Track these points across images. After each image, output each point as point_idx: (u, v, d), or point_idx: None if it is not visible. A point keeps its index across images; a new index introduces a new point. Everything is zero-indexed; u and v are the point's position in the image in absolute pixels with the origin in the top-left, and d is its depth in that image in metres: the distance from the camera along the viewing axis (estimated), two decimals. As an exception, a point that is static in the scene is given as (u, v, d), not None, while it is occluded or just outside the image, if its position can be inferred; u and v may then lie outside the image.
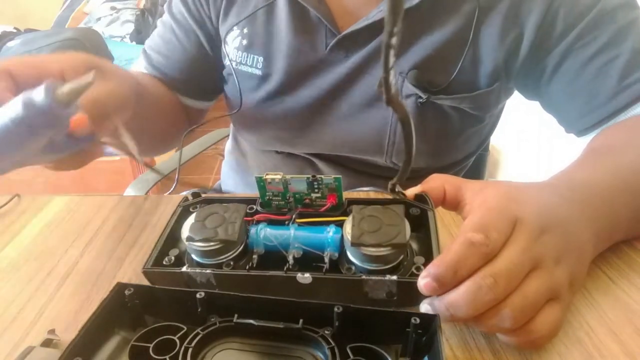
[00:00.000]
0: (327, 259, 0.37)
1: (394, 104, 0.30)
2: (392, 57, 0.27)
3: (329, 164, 0.69)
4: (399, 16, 0.25)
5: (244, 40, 0.64)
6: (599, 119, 0.56)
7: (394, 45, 0.27)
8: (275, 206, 0.42)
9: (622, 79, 0.53)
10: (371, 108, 0.62)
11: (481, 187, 0.38)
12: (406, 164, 0.36)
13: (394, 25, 0.26)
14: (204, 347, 0.32)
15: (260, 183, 0.40)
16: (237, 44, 0.65)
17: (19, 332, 0.38)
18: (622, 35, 0.54)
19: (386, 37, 0.26)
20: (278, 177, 0.40)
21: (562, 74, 0.57)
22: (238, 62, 0.65)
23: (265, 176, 0.40)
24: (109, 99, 0.40)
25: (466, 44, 0.57)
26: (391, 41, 0.26)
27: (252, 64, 0.65)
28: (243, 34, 0.64)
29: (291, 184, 0.40)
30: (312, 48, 0.62)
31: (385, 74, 0.28)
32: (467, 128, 0.65)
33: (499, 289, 0.31)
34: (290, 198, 0.41)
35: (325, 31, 0.61)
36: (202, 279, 0.37)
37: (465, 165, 0.74)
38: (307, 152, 0.69)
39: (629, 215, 0.42)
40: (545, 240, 0.34)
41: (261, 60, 0.64)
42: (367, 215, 0.37)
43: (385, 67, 0.28)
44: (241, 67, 0.65)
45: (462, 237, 0.32)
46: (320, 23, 0.60)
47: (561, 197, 0.38)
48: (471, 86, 0.60)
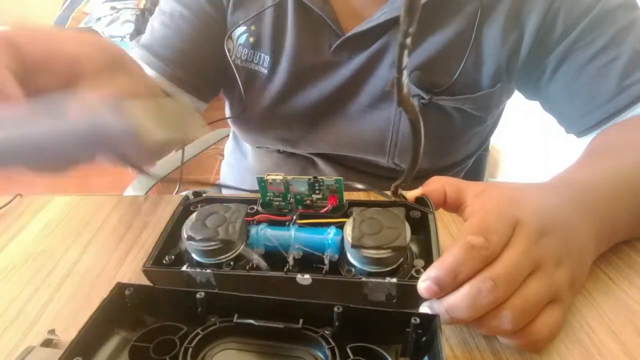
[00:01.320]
0: (327, 261, 0.37)
1: (405, 104, 0.30)
2: (405, 57, 0.27)
3: (330, 163, 0.69)
4: (415, 16, 0.25)
5: (252, 37, 0.63)
6: (599, 120, 0.55)
7: (409, 45, 0.27)
8: (276, 207, 0.42)
9: (623, 80, 0.53)
10: (374, 109, 0.62)
11: (482, 189, 0.38)
12: (412, 165, 0.36)
13: (410, 25, 0.26)
14: (204, 347, 0.32)
15: (262, 183, 0.40)
16: (243, 41, 0.64)
17: (19, 332, 0.38)
18: (622, 36, 0.54)
19: (401, 37, 0.26)
20: (279, 178, 0.40)
21: (563, 74, 0.57)
22: (244, 59, 0.64)
23: (266, 177, 0.40)
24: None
25: (468, 45, 0.57)
26: (406, 41, 0.26)
27: (258, 62, 0.64)
28: (251, 31, 0.63)
29: (292, 185, 0.40)
30: (316, 49, 0.62)
31: (398, 74, 0.28)
32: (469, 129, 0.65)
33: (499, 292, 0.31)
34: (291, 199, 0.41)
35: (329, 32, 0.61)
36: (202, 279, 0.37)
37: (465, 165, 0.74)
38: (310, 152, 0.69)
39: (630, 215, 0.42)
40: (545, 243, 0.34)
41: (268, 59, 0.63)
42: (367, 218, 0.37)
43: (399, 67, 0.28)
44: (248, 64, 0.64)
45: (462, 240, 0.32)
46: (325, 24, 0.60)
47: (562, 198, 0.38)
48: (473, 87, 0.60)
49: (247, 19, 0.62)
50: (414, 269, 0.36)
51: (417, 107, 0.31)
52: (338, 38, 0.60)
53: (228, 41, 0.64)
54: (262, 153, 0.74)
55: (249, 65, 0.64)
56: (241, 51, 0.64)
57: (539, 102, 0.64)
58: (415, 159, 0.35)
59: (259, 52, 0.64)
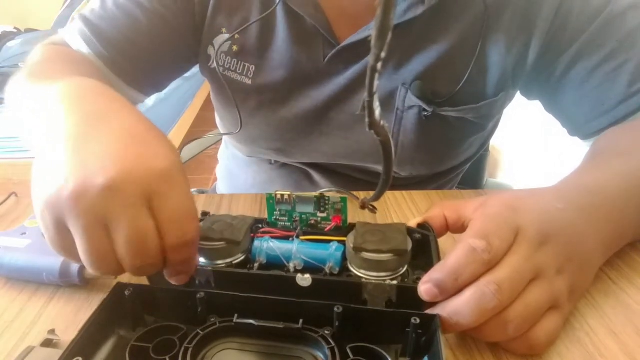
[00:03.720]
0: (327, 270, 0.37)
1: (376, 127, 0.30)
2: (376, 80, 0.27)
3: (324, 174, 0.67)
4: (387, 40, 0.25)
5: (235, 46, 0.60)
6: (606, 124, 0.54)
7: (380, 69, 0.27)
8: (281, 227, 0.42)
9: (632, 84, 0.52)
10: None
11: (481, 202, 0.38)
12: (383, 186, 0.36)
13: (381, 49, 0.25)
14: (204, 347, 0.32)
15: (270, 201, 0.41)
16: (226, 49, 0.61)
17: (19, 332, 0.38)
18: (632, 39, 0.52)
19: (372, 61, 0.26)
20: (287, 194, 0.40)
21: (571, 79, 0.55)
22: (226, 67, 0.62)
23: (274, 193, 0.41)
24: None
25: (472, 53, 0.55)
26: (377, 65, 0.26)
27: (242, 71, 0.61)
28: (234, 39, 0.60)
29: (298, 203, 0.41)
30: (310, 59, 0.59)
31: (369, 97, 0.28)
32: (469, 136, 0.64)
33: (504, 296, 0.31)
34: (296, 217, 0.41)
35: (322, 41, 0.58)
36: (201, 279, 0.37)
37: (464, 168, 0.73)
38: (303, 161, 0.67)
39: (638, 220, 0.42)
40: (546, 250, 0.33)
41: (252, 69, 0.60)
42: (370, 229, 0.38)
43: (370, 91, 0.27)
44: (228, 73, 0.62)
45: (463, 244, 0.32)
46: (318, 33, 0.57)
47: (567, 203, 0.38)
48: (477, 97, 0.58)
49: (233, 33, 0.59)
50: (415, 277, 0.37)
51: (388, 131, 0.31)
52: (332, 48, 0.57)
53: (208, 47, 0.62)
54: (253, 163, 0.72)
55: (230, 74, 0.61)
56: (224, 59, 0.61)
57: (541, 103, 0.62)
58: (387, 180, 0.35)
59: (242, 62, 0.61)
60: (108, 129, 0.33)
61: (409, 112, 0.58)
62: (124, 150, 0.31)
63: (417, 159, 0.62)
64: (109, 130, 0.33)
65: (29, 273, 0.42)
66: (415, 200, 0.56)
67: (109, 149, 0.32)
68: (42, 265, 0.41)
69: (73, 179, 0.30)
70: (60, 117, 0.35)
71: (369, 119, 0.29)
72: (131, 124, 0.34)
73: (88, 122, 0.34)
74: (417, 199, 0.56)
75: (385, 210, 0.53)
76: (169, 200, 0.31)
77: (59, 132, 0.34)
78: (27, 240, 0.43)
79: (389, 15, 0.24)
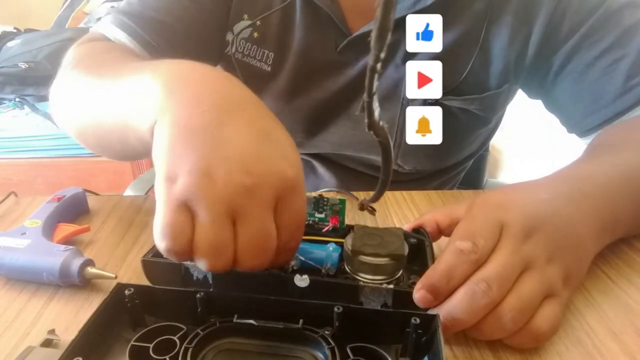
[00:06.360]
0: (324, 272, 0.37)
1: (375, 128, 0.30)
2: (375, 81, 0.27)
3: (328, 165, 0.68)
4: (386, 41, 0.25)
5: (256, 32, 0.61)
6: (603, 120, 0.55)
7: (379, 70, 0.27)
8: None
9: (628, 80, 0.53)
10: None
11: (471, 203, 0.38)
12: (382, 187, 0.36)
13: (381, 50, 0.25)
14: (204, 347, 0.32)
15: None
16: (246, 35, 0.62)
17: (19, 332, 0.38)
18: (628, 36, 0.53)
19: (372, 62, 0.26)
20: None
21: (568, 74, 0.57)
22: (245, 54, 0.62)
23: None
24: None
25: (476, 45, 0.57)
26: (377, 65, 0.26)
27: (261, 58, 0.62)
28: (255, 25, 0.61)
29: None
30: (322, 48, 0.61)
31: (368, 98, 0.28)
32: (473, 130, 0.65)
33: (493, 293, 0.31)
34: None
35: (335, 32, 0.60)
36: (199, 275, 0.37)
37: (466, 165, 0.74)
38: (310, 152, 0.68)
39: (632, 206, 0.42)
40: (534, 241, 0.34)
41: (272, 56, 0.61)
42: (368, 232, 0.38)
43: (369, 91, 0.28)
44: (248, 59, 0.62)
45: (451, 246, 0.33)
46: (331, 22, 0.59)
47: (553, 193, 0.38)
48: (481, 87, 0.59)
49: (256, 19, 0.60)
50: (410, 282, 0.37)
51: (387, 131, 0.31)
52: (345, 38, 0.59)
53: (227, 33, 0.62)
54: None
55: (249, 60, 0.62)
56: (243, 45, 0.62)
57: (542, 101, 0.63)
58: (385, 181, 0.36)
59: (262, 48, 0.62)
60: (241, 121, 0.32)
61: (414, 103, 0.59)
62: (262, 150, 0.31)
63: (422, 151, 0.63)
64: (244, 122, 0.33)
65: (29, 273, 0.42)
66: (415, 201, 0.56)
67: (249, 147, 0.31)
68: (42, 265, 0.41)
69: (214, 170, 0.30)
70: (193, 98, 0.33)
71: (368, 119, 0.29)
72: (261, 116, 0.34)
73: (224, 107, 0.33)
74: (417, 199, 0.56)
75: (385, 211, 0.53)
76: (292, 205, 0.32)
77: (194, 114, 0.32)
78: (27, 240, 0.43)
79: (389, 16, 0.24)
